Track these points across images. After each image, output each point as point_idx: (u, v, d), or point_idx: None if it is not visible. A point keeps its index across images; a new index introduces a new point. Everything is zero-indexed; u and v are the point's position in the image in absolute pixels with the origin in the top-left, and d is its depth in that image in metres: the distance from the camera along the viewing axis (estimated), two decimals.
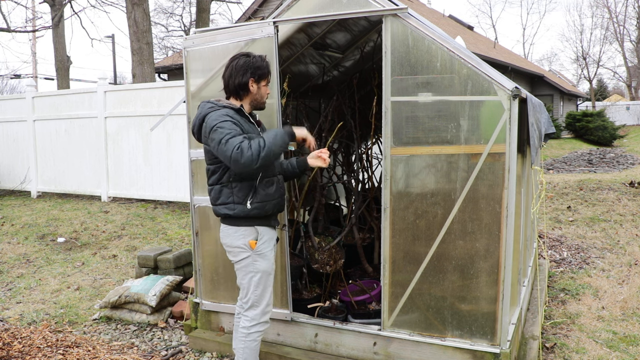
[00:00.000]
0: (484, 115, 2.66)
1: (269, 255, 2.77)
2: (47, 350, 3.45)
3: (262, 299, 2.78)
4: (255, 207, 2.68)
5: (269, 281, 2.79)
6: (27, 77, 20.98)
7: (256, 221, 2.72)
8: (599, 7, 41.67)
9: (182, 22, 25.56)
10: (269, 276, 2.79)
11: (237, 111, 2.68)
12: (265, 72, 2.73)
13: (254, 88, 2.72)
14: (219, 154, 2.54)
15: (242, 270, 2.76)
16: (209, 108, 2.64)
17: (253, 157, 2.43)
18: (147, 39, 9.69)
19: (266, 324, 2.83)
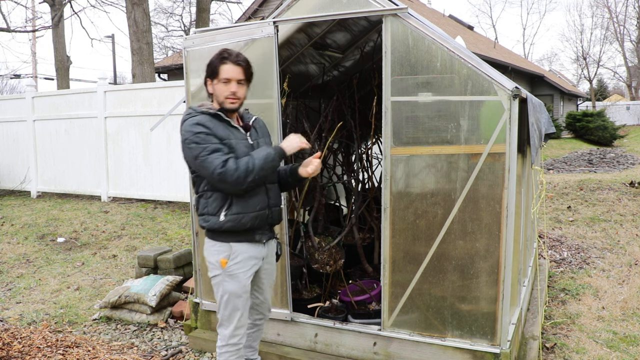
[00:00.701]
0: (484, 115, 2.66)
1: (240, 277, 2.52)
2: (47, 350, 3.45)
3: (230, 321, 2.58)
4: (229, 220, 2.45)
5: (238, 303, 2.55)
6: (27, 77, 20.99)
7: (231, 236, 2.50)
8: (599, 7, 41.68)
9: (182, 22, 25.57)
10: (238, 298, 2.54)
11: (214, 116, 2.47)
12: (215, 68, 2.46)
13: (211, 88, 2.52)
14: (198, 170, 2.42)
15: (214, 287, 2.60)
16: (186, 115, 2.47)
17: (240, 179, 2.31)
18: (147, 39, 9.69)
19: (236, 346, 2.61)
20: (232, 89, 2.46)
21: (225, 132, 2.45)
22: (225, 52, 2.48)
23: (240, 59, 2.48)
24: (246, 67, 2.51)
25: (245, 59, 2.51)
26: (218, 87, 2.48)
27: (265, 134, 2.71)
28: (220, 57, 2.47)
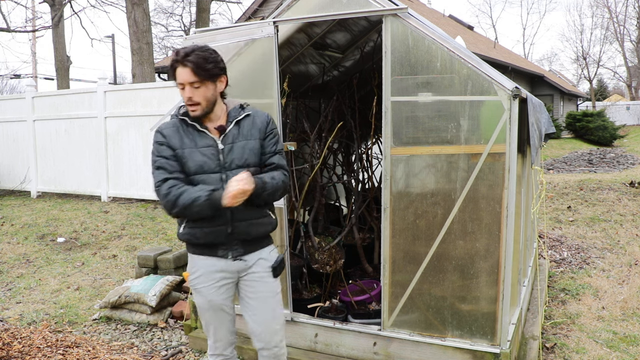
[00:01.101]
0: (484, 115, 2.66)
1: (203, 292, 2.32)
2: (47, 350, 3.45)
3: (207, 333, 2.47)
4: (186, 233, 2.29)
5: (207, 317, 2.39)
6: (27, 77, 20.99)
7: (191, 249, 2.35)
8: (599, 7, 41.64)
9: (182, 22, 25.58)
10: (206, 312, 2.37)
11: (181, 120, 2.27)
12: (171, 73, 2.20)
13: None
14: None
15: None
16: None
17: (166, 207, 2.17)
18: (147, 39, 9.69)
19: (217, 357, 2.48)
20: (187, 94, 2.16)
21: (180, 141, 2.22)
22: (174, 53, 2.16)
23: (188, 59, 2.10)
24: (195, 66, 2.10)
25: (194, 58, 2.11)
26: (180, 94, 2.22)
27: (254, 134, 2.29)
28: (171, 60, 2.17)
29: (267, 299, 2.37)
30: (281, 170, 2.32)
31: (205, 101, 2.19)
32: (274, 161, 2.33)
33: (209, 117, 2.27)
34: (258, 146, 2.30)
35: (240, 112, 2.32)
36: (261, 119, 2.33)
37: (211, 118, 2.28)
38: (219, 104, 2.29)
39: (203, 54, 2.14)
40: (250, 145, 2.28)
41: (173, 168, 2.20)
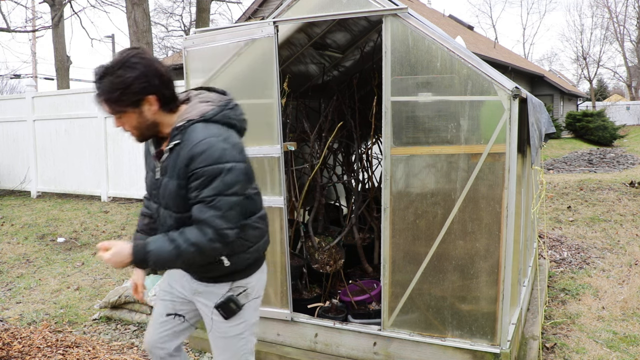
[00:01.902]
0: (484, 115, 2.66)
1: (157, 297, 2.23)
2: (47, 350, 3.45)
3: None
4: None
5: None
6: (27, 77, 20.98)
7: None
8: (599, 7, 41.66)
9: (182, 22, 25.58)
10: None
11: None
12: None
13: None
14: None
15: None
16: None
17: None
18: (147, 39, 9.69)
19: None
20: (116, 124, 1.89)
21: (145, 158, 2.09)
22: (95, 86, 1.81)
23: (100, 93, 1.78)
24: (108, 100, 1.78)
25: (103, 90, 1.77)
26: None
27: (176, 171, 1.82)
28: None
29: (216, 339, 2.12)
30: (203, 226, 1.79)
31: (137, 129, 1.87)
32: (193, 212, 1.81)
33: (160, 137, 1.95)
34: (177, 188, 1.85)
35: (173, 137, 1.85)
36: (185, 153, 1.80)
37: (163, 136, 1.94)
38: (168, 123, 1.89)
39: (110, 83, 1.75)
40: (172, 186, 1.86)
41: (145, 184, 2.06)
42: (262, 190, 3.16)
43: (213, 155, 1.75)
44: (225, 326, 2.06)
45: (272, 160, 3.12)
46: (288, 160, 4.11)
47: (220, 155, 1.76)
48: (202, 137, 1.78)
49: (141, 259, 1.81)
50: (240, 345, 2.09)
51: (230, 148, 1.79)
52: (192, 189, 1.79)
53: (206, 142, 1.77)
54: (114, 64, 1.76)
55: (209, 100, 1.92)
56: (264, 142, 3.13)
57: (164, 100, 1.83)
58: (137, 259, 1.81)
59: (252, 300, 2.10)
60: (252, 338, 2.15)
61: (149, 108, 1.81)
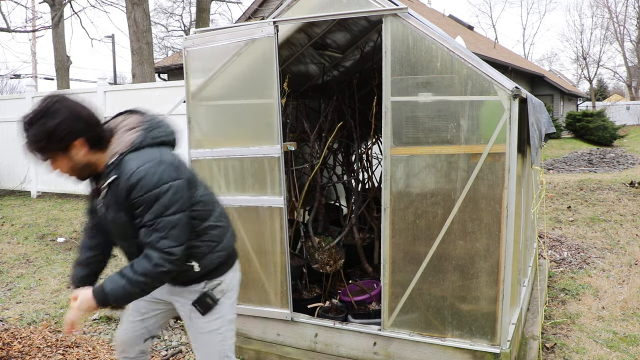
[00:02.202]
0: (484, 115, 2.66)
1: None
2: (47, 350, 3.45)
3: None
4: None
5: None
6: (27, 77, 20.98)
7: None
8: (599, 7, 41.67)
9: (182, 22, 25.58)
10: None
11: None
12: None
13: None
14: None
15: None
16: None
17: None
18: (147, 39, 9.69)
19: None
20: (51, 169, 1.90)
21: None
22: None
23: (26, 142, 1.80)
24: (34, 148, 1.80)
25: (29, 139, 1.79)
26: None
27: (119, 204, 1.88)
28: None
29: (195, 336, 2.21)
30: (148, 251, 1.86)
31: (72, 172, 1.91)
32: (140, 237, 1.89)
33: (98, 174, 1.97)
34: (128, 221, 1.91)
35: (107, 174, 1.89)
36: (122, 185, 1.86)
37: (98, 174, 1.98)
38: (101, 161, 1.91)
39: (36, 133, 1.77)
40: (119, 219, 1.92)
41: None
42: (262, 190, 3.18)
43: (149, 181, 1.81)
44: (202, 322, 2.13)
45: (272, 160, 3.12)
46: (288, 160, 4.11)
47: (157, 180, 1.82)
48: (136, 167, 1.83)
49: (102, 300, 1.88)
50: (218, 340, 2.15)
51: (166, 168, 1.85)
52: (136, 216, 1.86)
53: (140, 170, 1.82)
54: (36, 114, 1.78)
55: (133, 127, 1.96)
56: (264, 142, 3.13)
57: (91, 141, 1.86)
58: (99, 301, 1.88)
59: (228, 296, 2.17)
60: (230, 334, 2.20)
61: (77, 152, 1.84)
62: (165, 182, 1.83)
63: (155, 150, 1.91)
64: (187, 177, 1.95)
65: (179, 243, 1.88)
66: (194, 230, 2.01)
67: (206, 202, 2.09)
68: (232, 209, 3.29)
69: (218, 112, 3.34)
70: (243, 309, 3.37)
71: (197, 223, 2.03)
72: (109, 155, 1.90)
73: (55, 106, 1.78)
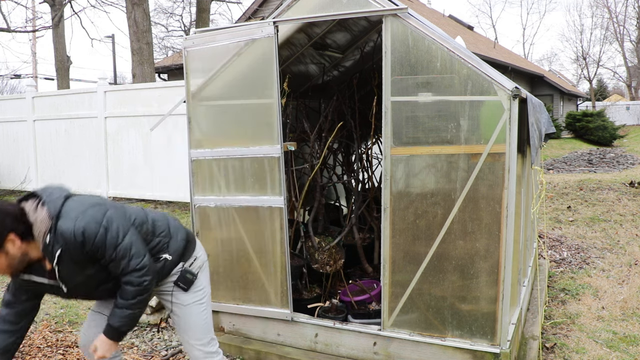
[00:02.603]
0: (484, 115, 2.66)
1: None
2: (47, 350, 3.45)
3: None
4: None
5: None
6: (27, 77, 20.98)
7: None
8: (599, 7, 41.67)
9: (182, 22, 25.57)
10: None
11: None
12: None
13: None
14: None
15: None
16: None
17: None
18: (147, 39, 9.69)
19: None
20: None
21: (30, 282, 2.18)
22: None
23: None
24: None
25: None
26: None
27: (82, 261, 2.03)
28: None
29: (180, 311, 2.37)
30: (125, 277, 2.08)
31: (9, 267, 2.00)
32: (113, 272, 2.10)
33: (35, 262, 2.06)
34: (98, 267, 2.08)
35: (52, 250, 1.98)
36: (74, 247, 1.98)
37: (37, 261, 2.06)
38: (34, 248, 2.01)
39: None
40: (90, 273, 2.09)
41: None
42: (262, 190, 3.18)
43: (89, 232, 1.98)
44: (185, 296, 2.35)
45: (272, 160, 3.12)
46: (288, 160, 4.11)
47: (92, 228, 1.98)
48: (72, 230, 1.96)
49: (119, 336, 2.15)
50: (202, 310, 2.38)
51: (92, 212, 2.01)
52: (101, 260, 2.05)
53: (78, 227, 1.96)
54: None
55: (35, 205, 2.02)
56: (264, 142, 3.13)
57: (22, 234, 1.96)
58: (117, 337, 2.14)
59: (203, 269, 2.43)
60: (210, 307, 2.44)
61: (12, 246, 1.94)
62: (100, 221, 2.01)
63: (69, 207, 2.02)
64: (110, 204, 2.15)
65: (142, 255, 2.10)
66: (147, 233, 2.22)
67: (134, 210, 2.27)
68: (232, 209, 3.29)
69: (218, 112, 3.34)
70: (243, 309, 3.38)
71: (145, 227, 2.22)
72: (39, 239, 1.98)
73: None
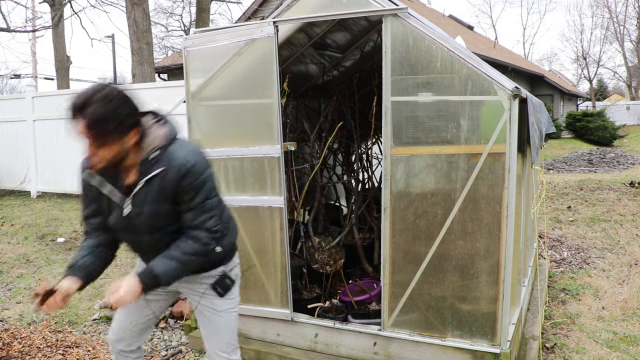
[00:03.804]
0: (484, 115, 2.66)
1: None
2: (47, 351, 3.45)
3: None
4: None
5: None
6: (27, 77, 20.98)
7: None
8: (599, 7, 41.68)
9: (182, 22, 25.58)
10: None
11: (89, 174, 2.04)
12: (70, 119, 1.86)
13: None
14: None
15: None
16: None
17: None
18: (147, 39, 9.69)
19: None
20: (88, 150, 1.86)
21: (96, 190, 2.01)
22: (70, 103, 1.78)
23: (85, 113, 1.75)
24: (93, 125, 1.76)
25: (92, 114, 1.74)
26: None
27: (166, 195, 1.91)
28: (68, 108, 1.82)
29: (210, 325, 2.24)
30: (196, 232, 1.96)
31: (108, 160, 1.85)
32: (186, 220, 1.96)
33: (119, 168, 1.94)
34: (171, 209, 1.95)
35: (152, 167, 1.90)
36: (173, 175, 1.89)
37: (124, 167, 1.94)
38: (135, 154, 1.92)
39: (104, 109, 1.74)
40: (162, 209, 1.94)
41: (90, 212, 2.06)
42: (262, 190, 3.18)
43: (198, 169, 1.91)
44: (219, 301, 2.20)
45: (272, 160, 3.12)
46: (288, 160, 4.10)
47: (200, 167, 1.92)
48: (184, 156, 1.90)
49: (152, 283, 1.93)
50: (232, 318, 2.25)
51: (202, 157, 1.96)
52: (183, 202, 1.93)
53: (190, 160, 1.90)
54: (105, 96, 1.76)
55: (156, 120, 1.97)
56: (264, 142, 3.13)
57: (142, 134, 1.90)
58: (149, 285, 1.93)
59: (238, 278, 2.30)
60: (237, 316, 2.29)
61: (129, 141, 1.85)
62: (206, 168, 1.95)
63: (186, 140, 2.00)
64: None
65: (221, 222, 2.03)
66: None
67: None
68: (232, 209, 3.28)
69: (218, 112, 3.34)
70: (243, 309, 3.37)
71: (222, 204, 2.16)
72: (146, 149, 1.90)
73: (123, 94, 1.81)
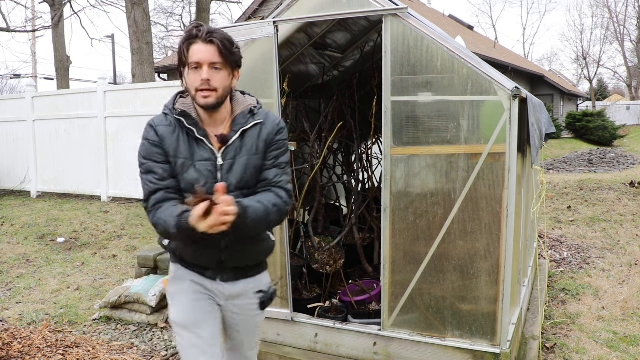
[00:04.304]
0: (484, 115, 2.66)
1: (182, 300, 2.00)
2: (47, 351, 3.44)
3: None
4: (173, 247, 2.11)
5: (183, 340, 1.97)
6: (27, 77, 20.99)
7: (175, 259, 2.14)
8: (599, 6, 41.69)
9: (182, 22, 25.58)
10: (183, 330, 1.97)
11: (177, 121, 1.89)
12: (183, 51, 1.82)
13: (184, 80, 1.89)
14: None
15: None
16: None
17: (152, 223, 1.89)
18: (147, 39, 9.69)
19: None
20: (204, 75, 1.79)
21: (175, 147, 1.87)
22: (194, 29, 1.81)
23: (215, 36, 1.80)
24: (223, 46, 1.80)
25: (222, 36, 1.82)
26: (189, 77, 1.84)
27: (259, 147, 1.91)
28: (187, 36, 1.81)
29: (249, 331, 2.15)
30: (277, 189, 1.90)
31: (222, 89, 1.84)
32: (268, 177, 1.91)
33: (213, 117, 1.89)
34: (260, 164, 1.92)
35: (249, 119, 1.92)
36: (269, 128, 1.93)
37: (215, 119, 1.90)
38: (227, 103, 1.93)
39: (229, 37, 1.86)
40: (254, 162, 1.90)
41: (165, 174, 1.88)
42: None
43: (284, 129, 2.00)
44: (260, 317, 2.16)
45: None
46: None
47: (285, 131, 2.01)
48: (276, 116, 2.02)
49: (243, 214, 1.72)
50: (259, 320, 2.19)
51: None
52: (270, 158, 1.94)
53: (281, 120, 2.02)
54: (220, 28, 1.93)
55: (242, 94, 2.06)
56: None
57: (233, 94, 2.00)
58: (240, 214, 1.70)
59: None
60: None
61: (235, 78, 1.94)
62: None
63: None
64: None
65: (292, 189, 2.02)
66: None
67: None
68: None
69: None
70: None
71: None
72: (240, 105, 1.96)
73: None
